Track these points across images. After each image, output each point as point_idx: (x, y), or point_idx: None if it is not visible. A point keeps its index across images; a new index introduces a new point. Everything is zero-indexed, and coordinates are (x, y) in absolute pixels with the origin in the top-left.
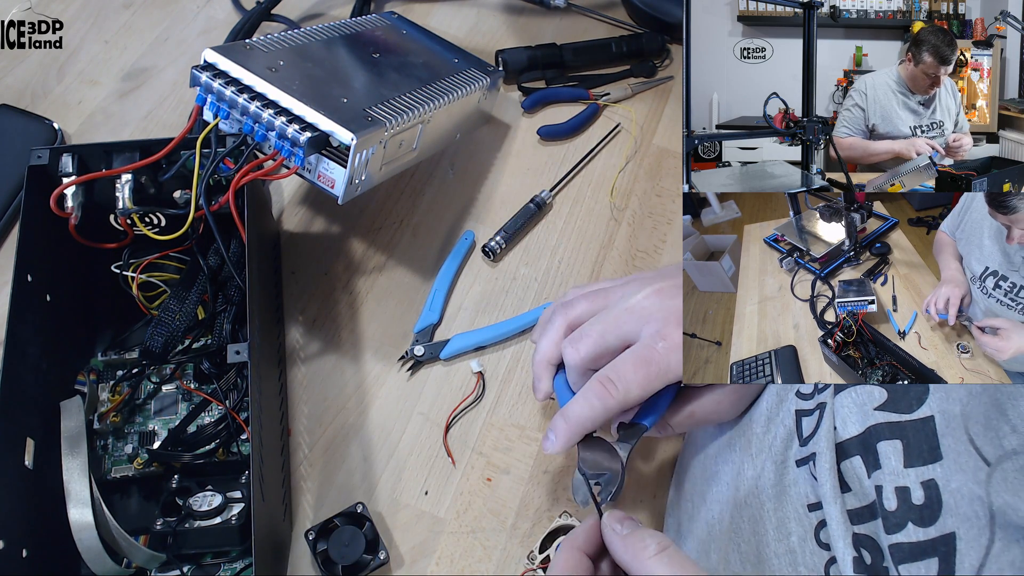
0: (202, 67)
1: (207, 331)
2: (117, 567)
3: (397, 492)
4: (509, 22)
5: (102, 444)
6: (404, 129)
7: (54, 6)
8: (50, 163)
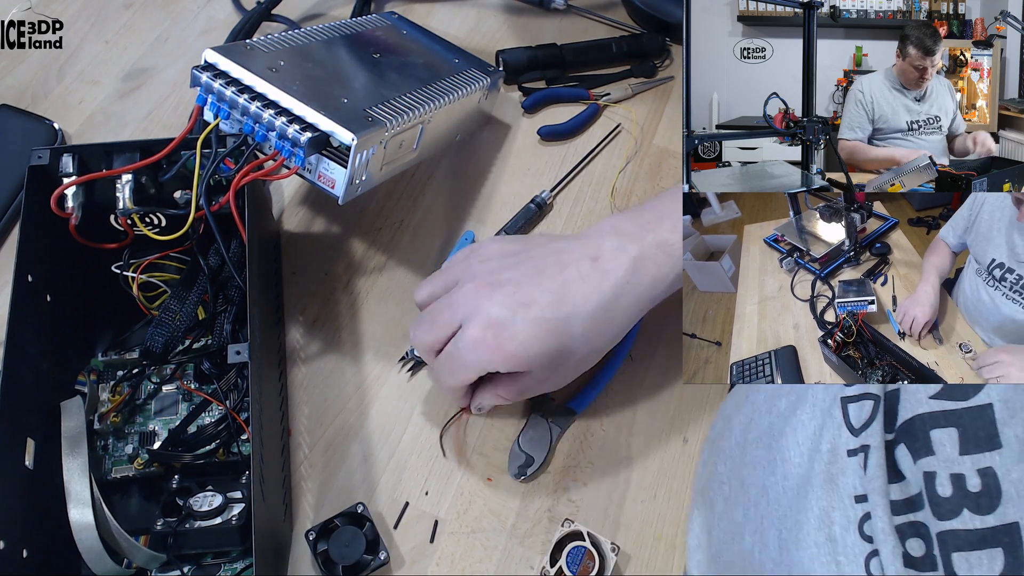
0: (202, 67)
1: (207, 331)
2: (117, 567)
3: (397, 492)
4: (509, 22)
5: (102, 444)
6: (404, 129)
7: (54, 6)
8: (50, 163)
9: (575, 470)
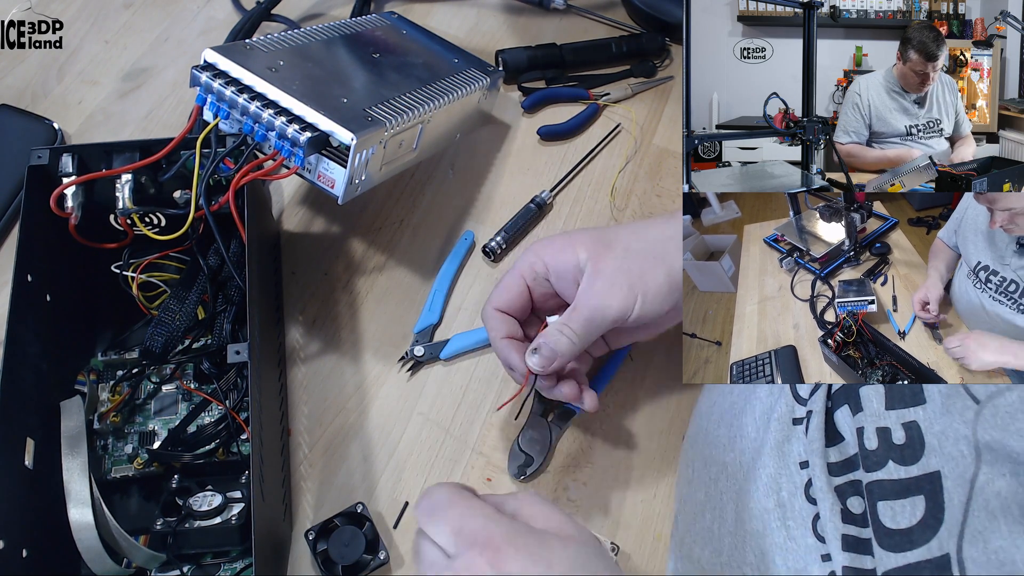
0: (202, 67)
1: (207, 331)
2: (117, 567)
3: (397, 492)
4: (509, 22)
5: (102, 444)
6: (404, 129)
7: (54, 6)
8: (50, 163)
9: (575, 470)
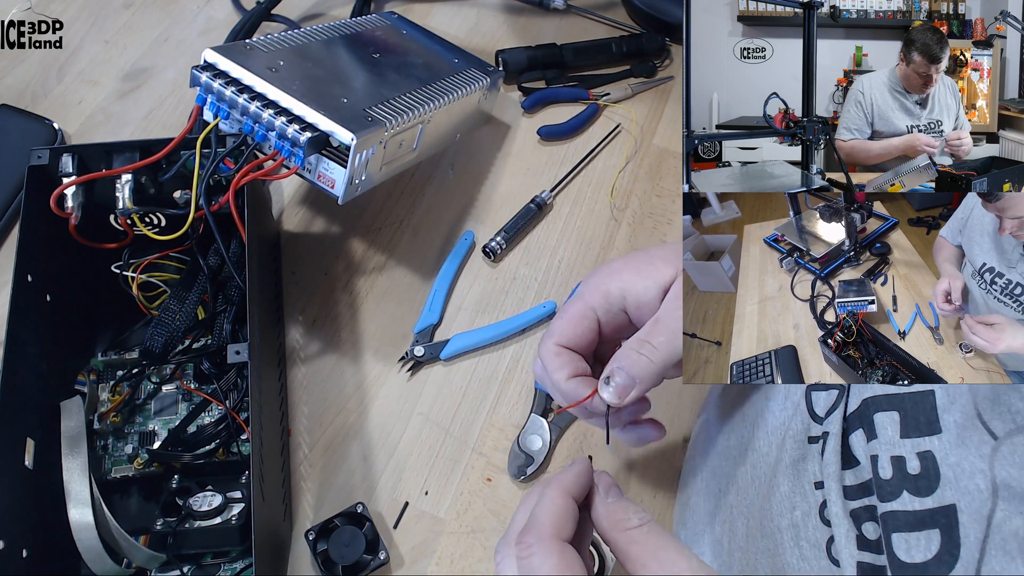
0: (202, 67)
1: (207, 331)
2: (117, 567)
3: (397, 492)
4: (509, 22)
5: (102, 444)
6: (404, 129)
7: (54, 6)
8: (50, 163)
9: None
